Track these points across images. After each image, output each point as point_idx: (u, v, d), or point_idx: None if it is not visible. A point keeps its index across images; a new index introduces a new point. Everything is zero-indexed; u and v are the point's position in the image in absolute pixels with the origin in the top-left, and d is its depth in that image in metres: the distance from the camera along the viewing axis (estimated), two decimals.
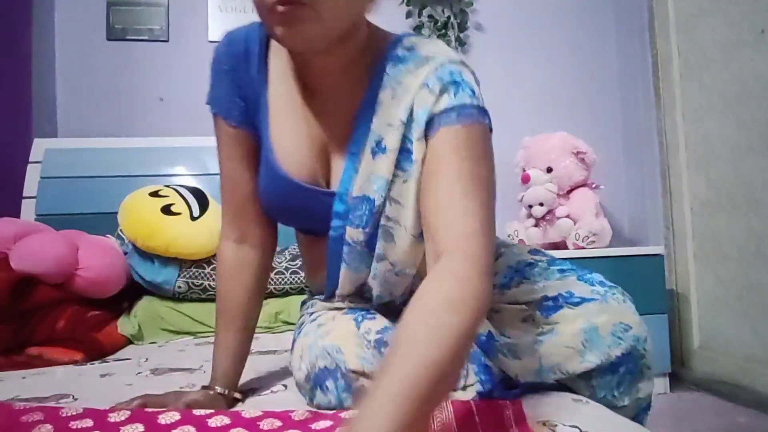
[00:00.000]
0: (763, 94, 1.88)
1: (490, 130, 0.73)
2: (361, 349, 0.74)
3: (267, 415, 0.69)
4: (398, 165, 0.73)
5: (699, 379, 2.15)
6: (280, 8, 0.63)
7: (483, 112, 0.71)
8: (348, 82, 0.77)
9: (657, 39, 2.39)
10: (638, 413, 0.85)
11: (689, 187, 2.25)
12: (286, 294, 1.71)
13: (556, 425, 0.65)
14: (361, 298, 0.87)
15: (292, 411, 0.70)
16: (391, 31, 0.82)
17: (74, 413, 0.67)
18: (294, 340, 0.89)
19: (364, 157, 0.75)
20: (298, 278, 1.71)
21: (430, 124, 0.70)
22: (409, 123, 0.72)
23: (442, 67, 0.72)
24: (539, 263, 0.89)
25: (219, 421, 0.67)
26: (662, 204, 2.39)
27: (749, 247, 1.95)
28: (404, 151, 0.73)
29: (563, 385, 0.80)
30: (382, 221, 0.76)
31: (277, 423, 0.66)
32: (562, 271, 0.86)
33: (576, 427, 0.65)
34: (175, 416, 0.67)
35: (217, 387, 0.83)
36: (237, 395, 0.85)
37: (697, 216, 2.21)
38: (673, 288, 2.30)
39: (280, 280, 1.71)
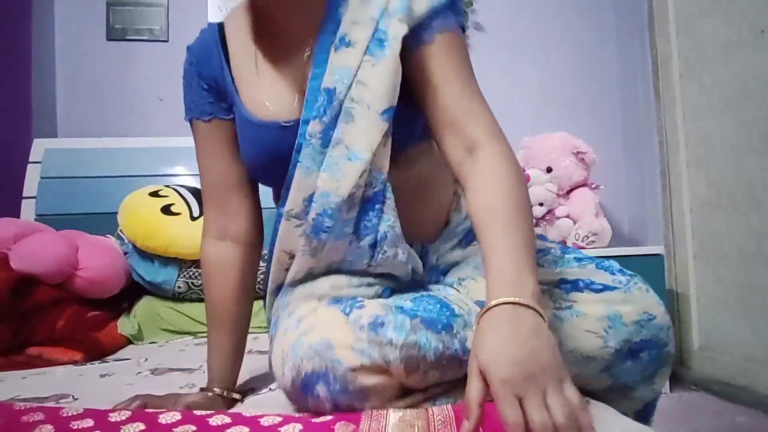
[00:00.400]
0: (763, 94, 1.88)
1: (463, 30, 0.80)
2: (355, 338, 0.67)
3: (267, 413, 0.69)
4: (368, 52, 0.75)
5: (699, 379, 2.16)
6: None
7: (456, 10, 0.77)
8: (306, 14, 0.79)
9: (657, 39, 2.39)
10: (650, 402, 0.84)
11: (689, 187, 2.25)
12: None
13: None
14: (305, 212, 0.78)
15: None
16: None
17: (75, 413, 0.67)
18: (271, 341, 0.81)
19: (330, 55, 0.76)
20: None
21: (417, 29, 0.75)
22: (382, 17, 0.75)
23: None
24: (552, 250, 0.87)
25: (220, 420, 0.67)
26: (662, 204, 2.39)
27: (749, 246, 1.95)
28: (375, 41, 0.75)
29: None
30: (346, 103, 0.75)
31: (278, 419, 0.66)
32: (578, 259, 0.83)
33: None
34: (175, 416, 0.67)
35: (215, 389, 0.82)
36: (236, 396, 0.84)
37: (697, 216, 2.21)
38: (672, 288, 2.30)
39: None
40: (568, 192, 2.30)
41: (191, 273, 1.65)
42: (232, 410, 0.78)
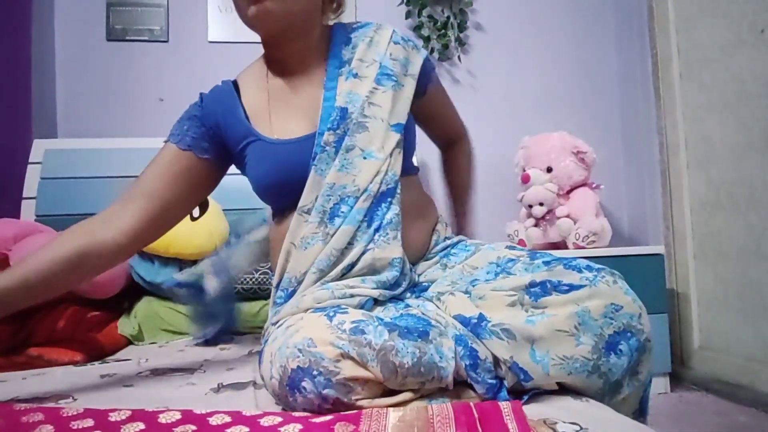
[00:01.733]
0: (763, 94, 1.88)
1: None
2: (336, 336, 0.70)
3: (267, 413, 0.69)
4: (377, 82, 0.97)
5: (699, 379, 2.16)
6: None
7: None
8: (312, 58, 1.00)
9: (657, 39, 2.39)
10: (642, 398, 0.84)
11: (689, 187, 2.25)
12: None
13: (555, 423, 0.65)
14: (314, 207, 0.90)
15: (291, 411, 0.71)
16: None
17: (74, 413, 0.67)
18: (261, 353, 0.84)
19: (338, 83, 0.96)
20: None
21: (422, 76, 1.04)
22: (386, 60, 0.99)
23: (395, 31, 1.04)
24: (521, 259, 0.89)
25: (220, 419, 0.67)
26: (662, 203, 2.39)
27: (749, 246, 1.95)
28: (382, 75, 0.98)
29: (564, 388, 0.80)
30: (360, 119, 0.93)
31: (278, 419, 0.66)
32: (547, 263, 0.85)
33: (576, 423, 0.65)
34: (175, 415, 0.67)
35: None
36: None
37: (697, 215, 2.21)
38: (673, 287, 2.30)
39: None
40: (569, 192, 2.30)
41: None
42: (233, 410, 0.78)
